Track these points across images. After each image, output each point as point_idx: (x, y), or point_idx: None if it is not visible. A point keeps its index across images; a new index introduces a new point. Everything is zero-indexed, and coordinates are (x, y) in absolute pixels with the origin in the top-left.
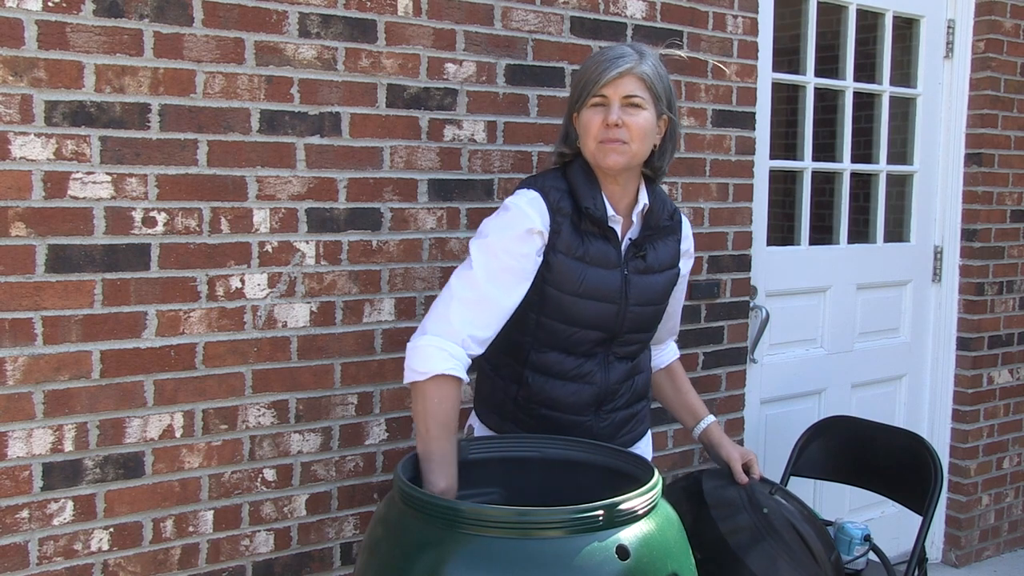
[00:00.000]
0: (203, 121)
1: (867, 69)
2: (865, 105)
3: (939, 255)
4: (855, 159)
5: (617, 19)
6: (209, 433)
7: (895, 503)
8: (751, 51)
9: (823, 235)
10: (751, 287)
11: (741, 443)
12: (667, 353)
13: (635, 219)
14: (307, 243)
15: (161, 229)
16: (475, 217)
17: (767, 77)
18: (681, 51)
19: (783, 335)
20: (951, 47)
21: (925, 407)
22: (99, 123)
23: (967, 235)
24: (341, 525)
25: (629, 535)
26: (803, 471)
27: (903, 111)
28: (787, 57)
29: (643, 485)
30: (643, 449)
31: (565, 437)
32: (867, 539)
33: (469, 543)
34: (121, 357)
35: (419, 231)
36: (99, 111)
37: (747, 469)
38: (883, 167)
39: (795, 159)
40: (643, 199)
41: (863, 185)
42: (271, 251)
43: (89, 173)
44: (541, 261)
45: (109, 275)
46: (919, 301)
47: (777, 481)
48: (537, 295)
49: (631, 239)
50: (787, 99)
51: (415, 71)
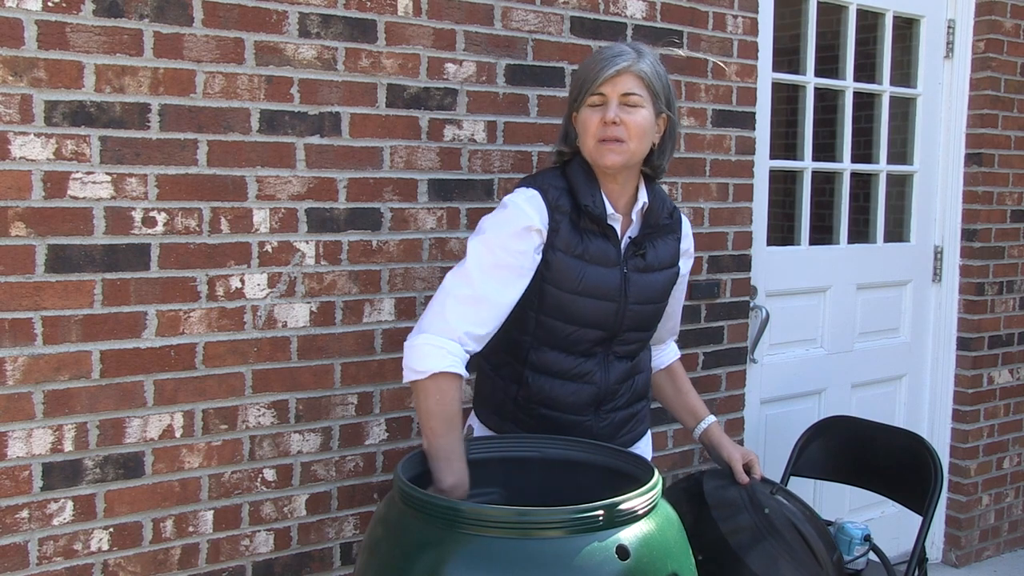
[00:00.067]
0: (203, 121)
1: (867, 69)
2: (865, 105)
3: (939, 255)
4: (855, 159)
5: (617, 19)
6: (209, 433)
7: (895, 503)
8: (751, 51)
9: (823, 235)
10: (751, 287)
11: (741, 443)
12: (667, 353)
13: (634, 217)
14: (307, 243)
15: (161, 229)
16: (475, 217)
17: (767, 77)
18: (680, 50)
19: (783, 335)
20: (951, 47)
21: (925, 407)
22: (99, 123)
23: (967, 235)
24: (341, 525)
25: (629, 535)
26: (803, 471)
27: (903, 111)
28: (787, 57)
29: (643, 485)
30: (643, 449)
31: (565, 437)
32: (867, 539)
33: (469, 543)
34: (121, 357)
35: (419, 231)
36: (99, 111)
37: (748, 469)
38: (883, 167)
39: (795, 159)
40: (642, 197)
41: (863, 185)
42: (271, 251)
43: (89, 173)
44: (540, 259)
45: (109, 275)
46: (919, 301)
47: (777, 481)
48: (536, 293)
49: (630, 237)
50: (787, 99)
51: (415, 71)
